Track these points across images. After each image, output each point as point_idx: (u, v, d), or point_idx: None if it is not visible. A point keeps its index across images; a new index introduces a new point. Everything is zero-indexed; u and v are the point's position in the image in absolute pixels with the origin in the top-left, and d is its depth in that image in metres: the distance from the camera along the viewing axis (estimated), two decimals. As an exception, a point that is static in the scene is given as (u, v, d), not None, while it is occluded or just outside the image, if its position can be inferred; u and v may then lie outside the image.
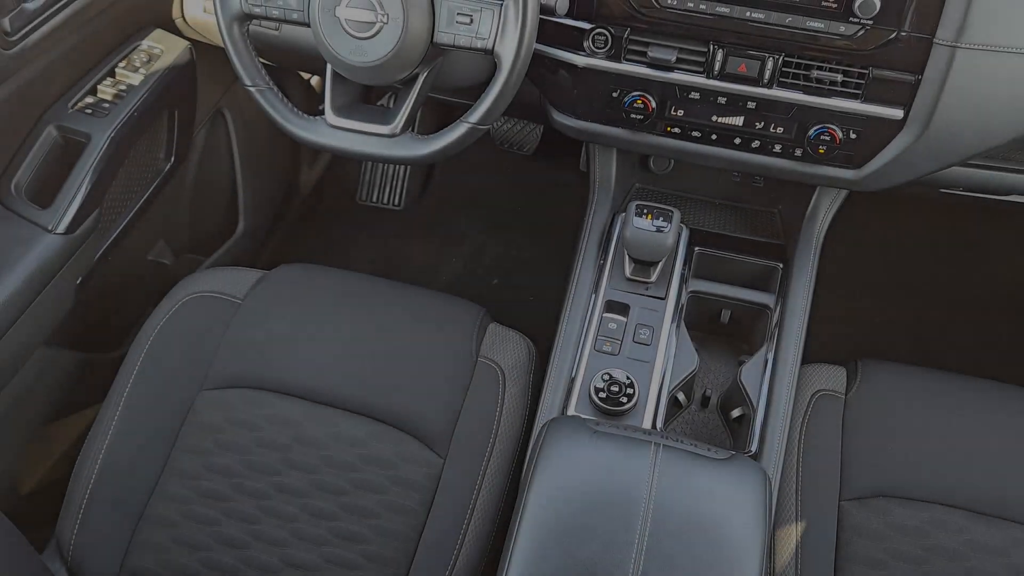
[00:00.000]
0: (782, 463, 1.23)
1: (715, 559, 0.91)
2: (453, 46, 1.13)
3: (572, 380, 1.27)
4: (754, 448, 1.23)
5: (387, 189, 2.30)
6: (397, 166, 2.27)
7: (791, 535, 1.19)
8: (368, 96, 1.34)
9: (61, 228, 1.32)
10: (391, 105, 1.25)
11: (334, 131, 1.21)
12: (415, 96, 1.19)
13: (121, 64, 1.47)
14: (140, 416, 1.25)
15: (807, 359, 1.34)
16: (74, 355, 1.48)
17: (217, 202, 1.89)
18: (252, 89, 1.22)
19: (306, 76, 2.08)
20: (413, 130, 1.22)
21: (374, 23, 1.10)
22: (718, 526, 0.93)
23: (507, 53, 1.10)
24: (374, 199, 2.30)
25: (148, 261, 1.70)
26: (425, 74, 1.18)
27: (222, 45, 1.21)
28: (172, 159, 1.61)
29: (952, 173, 1.29)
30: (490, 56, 1.12)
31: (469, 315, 1.36)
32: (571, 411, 1.24)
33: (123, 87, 1.45)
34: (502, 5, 1.10)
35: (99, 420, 1.26)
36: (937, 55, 1.14)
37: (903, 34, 1.14)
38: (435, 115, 2.19)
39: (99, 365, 1.53)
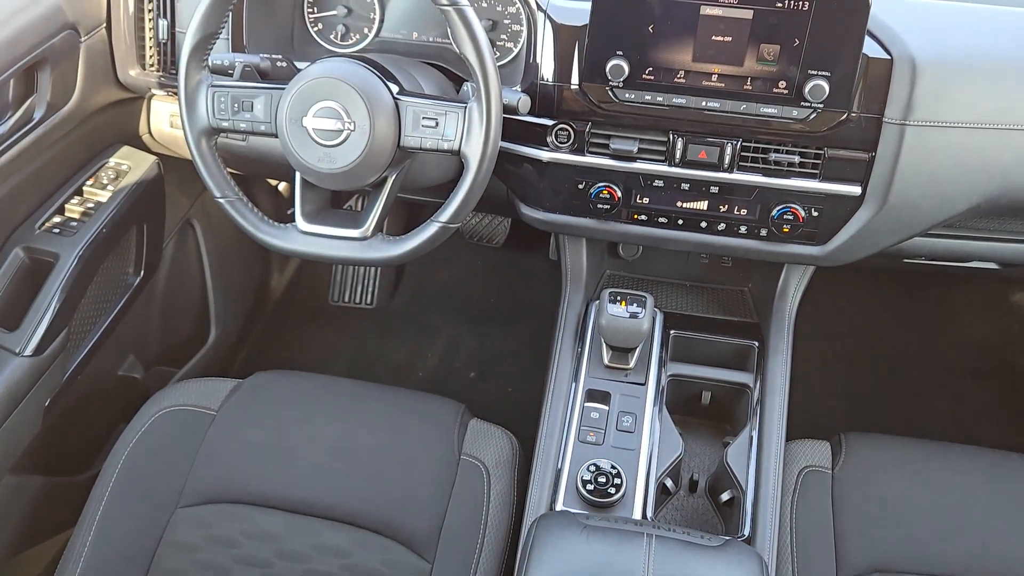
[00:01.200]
0: (776, 545, 1.20)
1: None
2: (420, 149, 1.15)
3: (558, 473, 1.25)
4: (747, 532, 1.21)
5: (359, 289, 2.30)
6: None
7: (792, 620, 1.16)
8: (337, 200, 1.35)
9: (29, 350, 1.30)
10: (360, 208, 1.26)
11: (305, 237, 1.22)
12: (384, 199, 1.20)
13: (89, 182, 1.48)
14: (114, 539, 1.21)
15: (791, 435, 1.33)
16: (43, 480, 1.43)
17: (187, 312, 1.87)
18: (222, 201, 1.22)
19: (274, 182, 2.10)
20: (383, 232, 1.22)
21: (341, 131, 1.13)
22: (718, 617, 0.91)
23: (474, 153, 1.13)
24: (346, 299, 2.29)
25: (118, 377, 1.67)
26: (393, 177, 1.20)
27: (190, 158, 1.22)
28: (141, 273, 1.60)
29: (914, 244, 1.32)
30: (457, 156, 1.15)
31: (449, 412, 1.35)
32: (559, 505, 1.21)
33: (91, 205, 1.45)
34: (466, 107, 1.13)
35: (70, 547, 1.20)
36: (887, 133, 1.18)
37: (853, 115, 1.18)
38: (404, 214, 2.21)
39: (69, 489, 1.48)
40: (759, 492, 1.24)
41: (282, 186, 2.13)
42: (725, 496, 1.28)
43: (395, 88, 1.15)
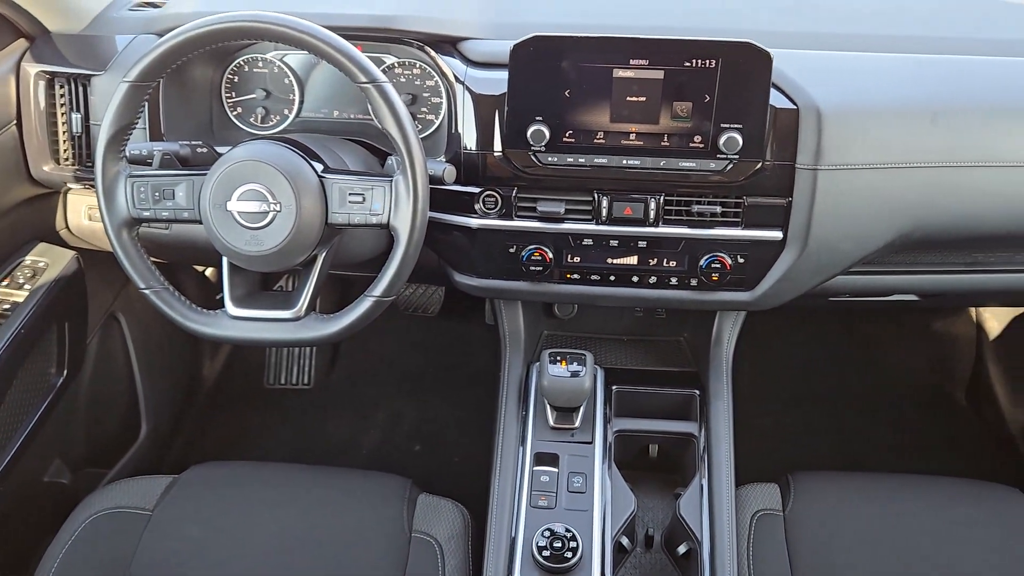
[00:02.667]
0: (736, 594, 1.20)
1: None
2: (349, 225, 1.15)
3: (513, 542, 1.22)
4: (707, 584, 1.20)
5: (295, 369, 2.25)
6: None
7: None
8: (267, 281, 1.33)
9: (-55, 464, 1.22)
10: (292, 288, 1.25)
11: (236, 322, 1.19)
12: (315, 277, 1.19)
13: (4, 283, 1.42)
14: (45, 662, 1.13)
15: (740, 480, 1.34)
16: (-36, 602, 1.34)
17: (116, 409, 1.80)
18: (147, 291, 1.19)
19: (201, 268, 2.06)
20: (317, 310, 1.21)
21: (267, 212, 1.11)
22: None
23: (403, 226, 1.13)
24: (282, 381, 2.24)
25: (44, 484, 1.58)
26: (323, 255, 1.19)
27: (111, 251, 1.19)
28: (64, 372, 1.54)
29: (837, 282, 1.36)
30: (386, 230, 1.14)
31: (396, 489, 1.31)
32: (516, 574, 1.18)
33: (7, 306, 1.39)
34: (392, 181, 1.13)
35: None
36: (801, 179, 1.23)
37: (768, 164, 1.23)
38: (337, 291, 2.19)
39: (-6, 609, 1.39)
40: (715, 542, 1.23)
41: (209, 271, 2.09)
42: (682, 549, 1.28)
43: (319, 166, 1.15)
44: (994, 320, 2.08)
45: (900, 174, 1.23)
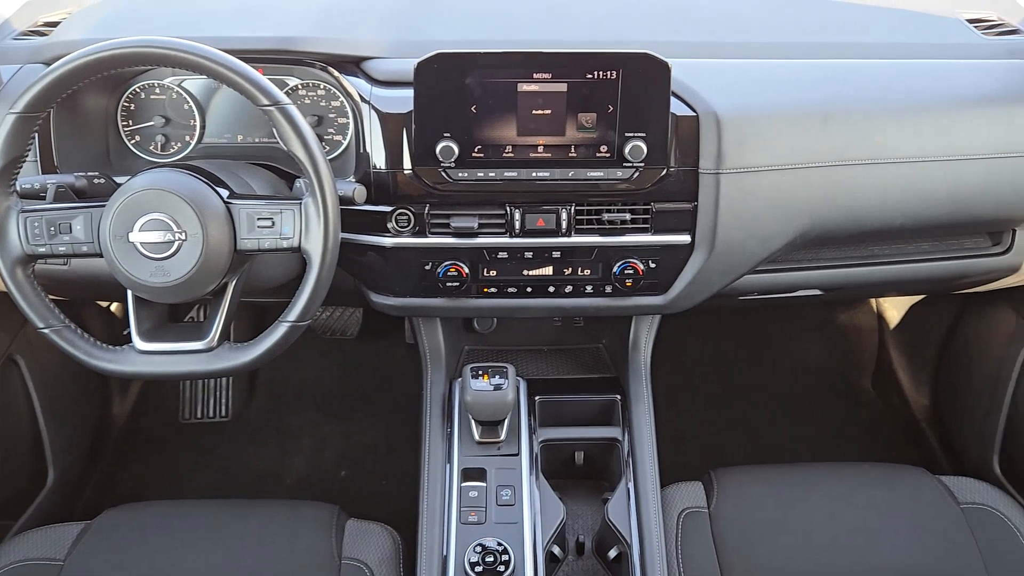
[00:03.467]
0: (668, 592, 1.22)
1: None
2: (259, 250, 1.12)
3: (445, 560, 1.21)
4: (639, 585, 1.22)
5: (211, 402, 2.18)
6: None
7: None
8: (176, 313, 1.29)
9: None
10: (202, 318, 1.21)
11: (146, 357, 1.15)
12: (227, 305, 1.16)
13: None
14: None
15: (665, 480, 1.36)
16: None
17: (19, 457, 1.71)
18: (47, 331, 1.14)
19: (105, 303, 1.98)
20: (230, 339, 1.18)
21: (172, 242, 1.08)
22: None
23: (315, 249, 1.11)
24: (198, 415, 2.17)
25: (-57, 542, 1.49)
26: (234, 282, 1.16)
27: (5, 290, 1.13)
28: (-40, 421, 1.46)
29: (745, 282, 1.41)
30: (298, 253, 1.13)
31: (323, 517, 1.29)
32: (450, 593, 1.18)
33: None
34: (301, 203, 1.11)
35: None
36: (705, 183, 1.26)
37: (672, 170, 1.26)
38: (251, 318, 2.14)
39: None
40: (644, 543, 1.25)
41: (114, 306, 2.01)
42: (613, 553, 1.29)
43: (225, 192, 1.12)
44: (893, 309, 2.18)
45: (796, 174, 1.28)
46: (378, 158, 1.27)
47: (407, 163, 1.26)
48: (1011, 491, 1.65)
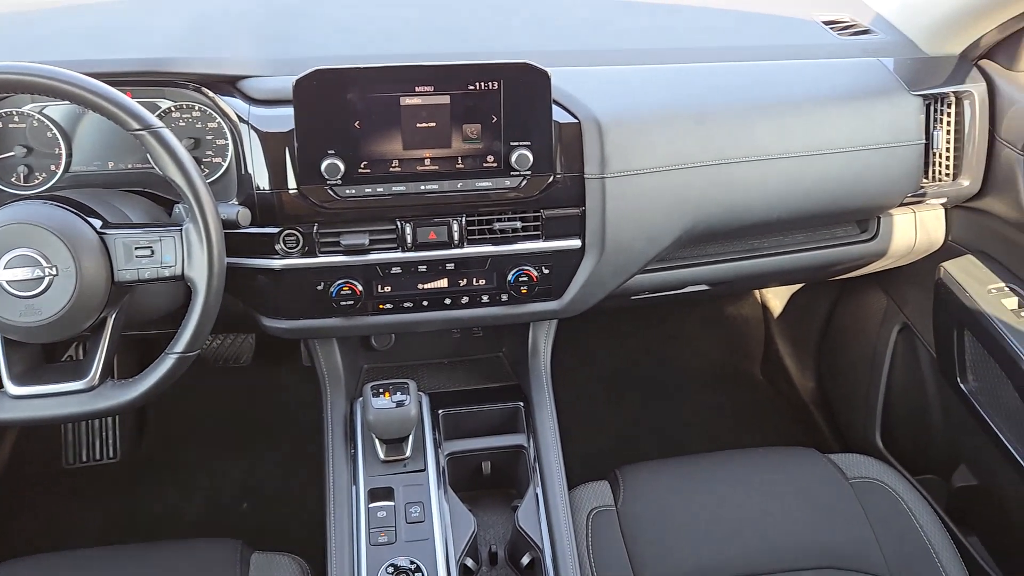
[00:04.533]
0: (583, 593, 1.23)
1: None
2: (139, 281, 1.07)
3: (356, 584, 1.19)
4: (553, 588, 1.23)
5: (96, 443, 2.07)
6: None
7: (613, 662, 1.19)
8: (52, 352, 1.22)
9: None
10: (81, 355, 1.15)
11: (20, 402, 1.08)
12: (107, 341, 1.10)
13: None
14: None
15: (572, 482, 1.38)
16: None
17: None
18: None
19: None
20: (114, 376, 1.12)
21: (42, 278, 1.02)
22: None
23: (199, 276, 1.07)
24: (84, 459, 2.05)
25: None
26: (113, 316, 1.11)
27: None
28: None
29: (636, 281, 1.44)
30: (182, 281, 1.08)
31: (225, 553, 1.24)
32: (365, 618, 1.15)
33: None
34: (182, 230, 1.07)
35: None
36: (591, 188, 1.29)
37: (559, 177, 1.28)
38: (136, 352, 2.04)
39: None
40: (555, 546, 1.26)
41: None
42: (525, 560, 1.29)
43: (97, 222, 1.07)
44: (776, 299, 2.29)
45: (678, 175, 1.33)
46: (261, 179, 1.23)
47: (292, 183, 1.23)
48: (893, 463, 1.76)
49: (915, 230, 1.58)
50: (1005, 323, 1.36)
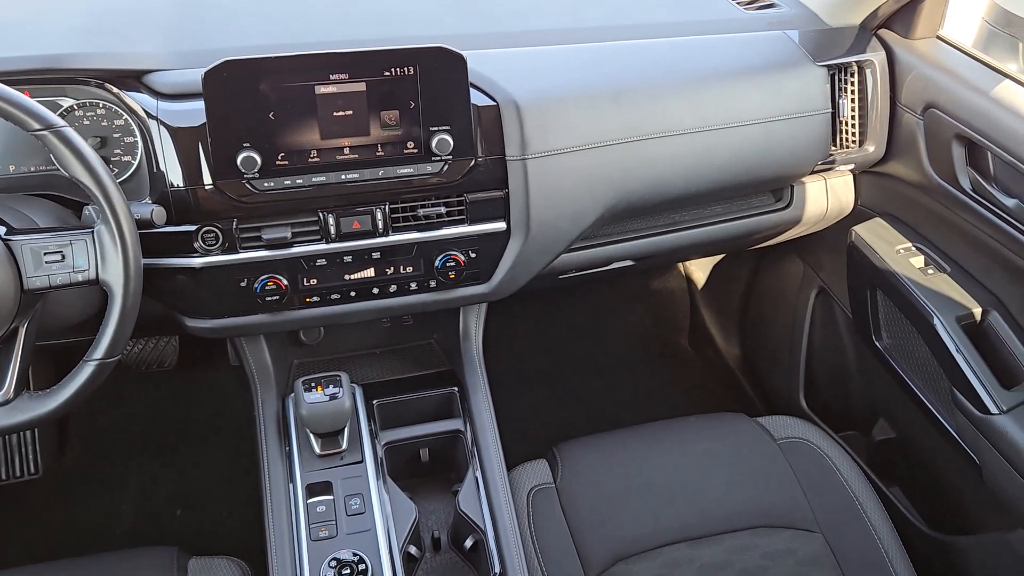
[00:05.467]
0: (527, 570, 1.25)
1: None
2: (50, 288, 1.03)
3: (299, 582, 1.18)
4: (497, 569, 1.24)
5: (15, 460, 1.99)
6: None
7: (560, 636, 1.21)
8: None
9: None
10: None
11: (-74, 424, 1.03)
12: (20, 351, 1.06)
13: None
14: None
15: (511, 463, 1.39)
16: None
17: None
18: None
19: None
20: (30, 388, 1.08)
21: (-55, 290, 0.97)
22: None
23: (115, 279, 1.04)
24: (4, 476, 1.97)
25: None
26: (25, 326, 1.06)
27: None
28: None
29: (562, 261, 1.46)
30: (97, 286, 1.05)
31: (161, 562, 1.21)
32: (309, 615, 1.14)
33: None
34: (93, 232, 1.04)
35: None
36: (513, 170, 1.30)
37: (481, 160, 1.28)
38: (52, 361, 1.96)
39: None
40: (497, 528, 1.27)
41: None
42: (469, 543, 1.30)
43: (2, 229, 1.02)
44: (699, 272, 2.34)
45: (597, 153, 1.34)
46: (174, 176, 1.20)
47: (207, 178, 1.20)
48: (817, 422, 1.83)
49: (826, 197, 1.64)
50: (913, 281, 1.42)
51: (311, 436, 1.32)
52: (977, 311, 1.36)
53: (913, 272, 1.44)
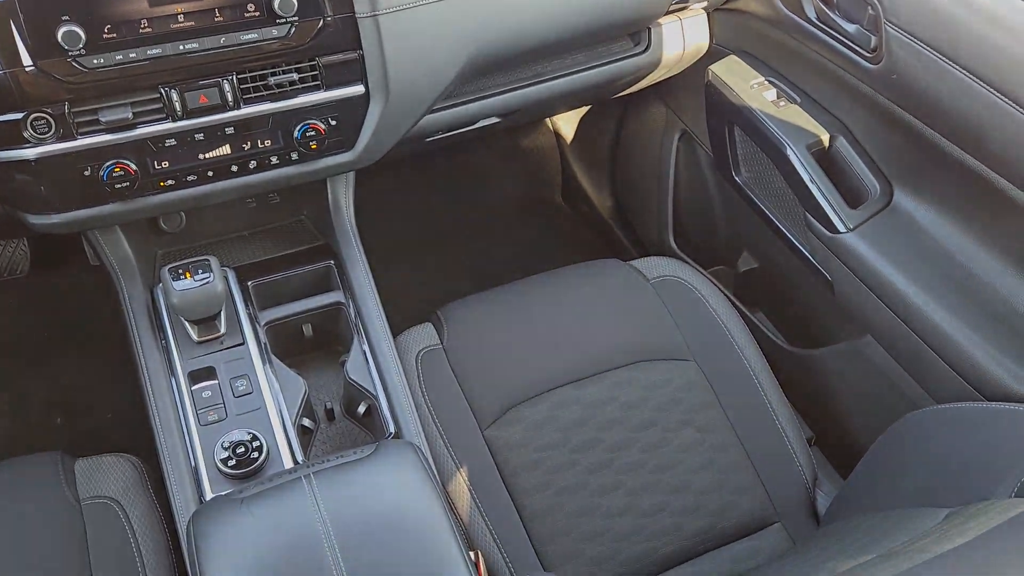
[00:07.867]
0: (422, 430, 1.28)
1: (413, 541, 0.93)
2: None
3: (195, 468, 1.17)
4: (392, 429, 1.27)
5: None
6: None
7: (460, 483, 1.26)
8: None
9: None
10: None
11: None
12: None
13: None
14: None
15: (396, 330, 1.40)
16: None
17: None
18: None
19: None
20: None
21: None
22: (401, 512, 0.95)
23: (-64, 176, 0.95)
24: None
25: None
26: None
27: None
28: None
29: (427, 122, 1.43)
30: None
31: (44, 466, 1.18)
32: (208, 495, 1.15)
33: None
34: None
35: None
36: (365, 28, 1.23)
37: (329, 19, 1.21)
38: None
39: None
40: (389, 391, 1.30)
41: None
42: (362, 408, 1.33)
43: None
44: (567, 126, 2.35)
45: (451, 5, 1.29)
46: (-14, 58, 1.08)
47: (26, 59, 1.08)
48: (687, 260, 1.92)
49: (682, 37, 1.65)
50: (767, 114, 1.48)
51: (186, 324, 1.29)
52: (825, 137, 1.43)
53: (766, 105, 1.49)
